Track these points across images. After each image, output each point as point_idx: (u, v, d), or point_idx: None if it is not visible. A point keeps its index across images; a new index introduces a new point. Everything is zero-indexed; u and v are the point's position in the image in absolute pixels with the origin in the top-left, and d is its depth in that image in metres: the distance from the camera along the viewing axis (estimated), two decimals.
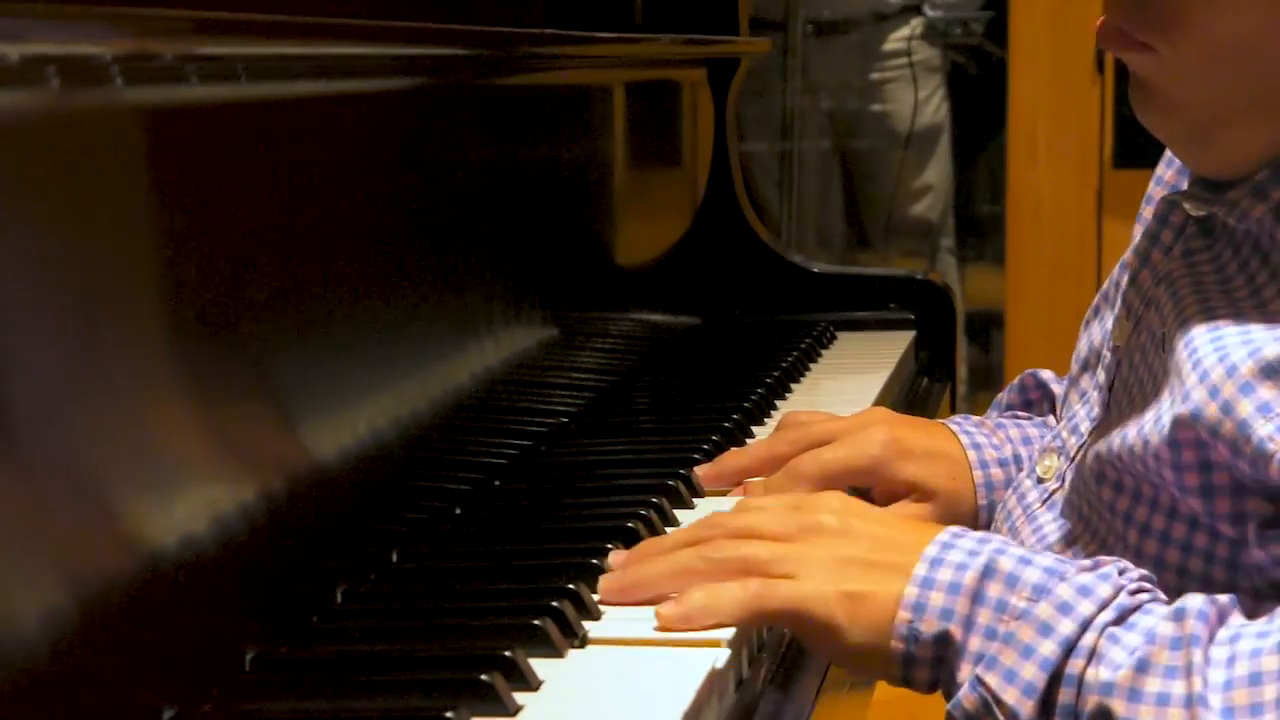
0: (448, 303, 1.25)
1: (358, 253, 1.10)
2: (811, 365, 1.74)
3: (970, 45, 4.36)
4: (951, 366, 1.94)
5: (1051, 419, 1.32)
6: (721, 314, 1.96)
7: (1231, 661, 0.86)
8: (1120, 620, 0.89)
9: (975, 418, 1.34)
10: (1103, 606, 0.89)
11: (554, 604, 0.94)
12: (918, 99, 4.24)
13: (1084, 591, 0.90)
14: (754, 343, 1.81)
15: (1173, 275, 1.04)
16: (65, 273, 0.79)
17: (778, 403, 1.55)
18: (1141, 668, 0.87)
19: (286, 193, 1.01)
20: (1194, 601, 0.89)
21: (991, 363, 4.33)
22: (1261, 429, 0.91)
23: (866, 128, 4.32)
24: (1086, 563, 0.93)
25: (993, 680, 0.89)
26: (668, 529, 1.14)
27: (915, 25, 4.27)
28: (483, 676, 0.83)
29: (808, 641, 0.98)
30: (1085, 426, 1.11)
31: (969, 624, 0.91)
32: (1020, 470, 1.26)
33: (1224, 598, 0.90)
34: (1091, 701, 0.87)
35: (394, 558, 1.09)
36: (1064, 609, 0.89)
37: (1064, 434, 1.14)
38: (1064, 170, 3.84)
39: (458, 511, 1.20)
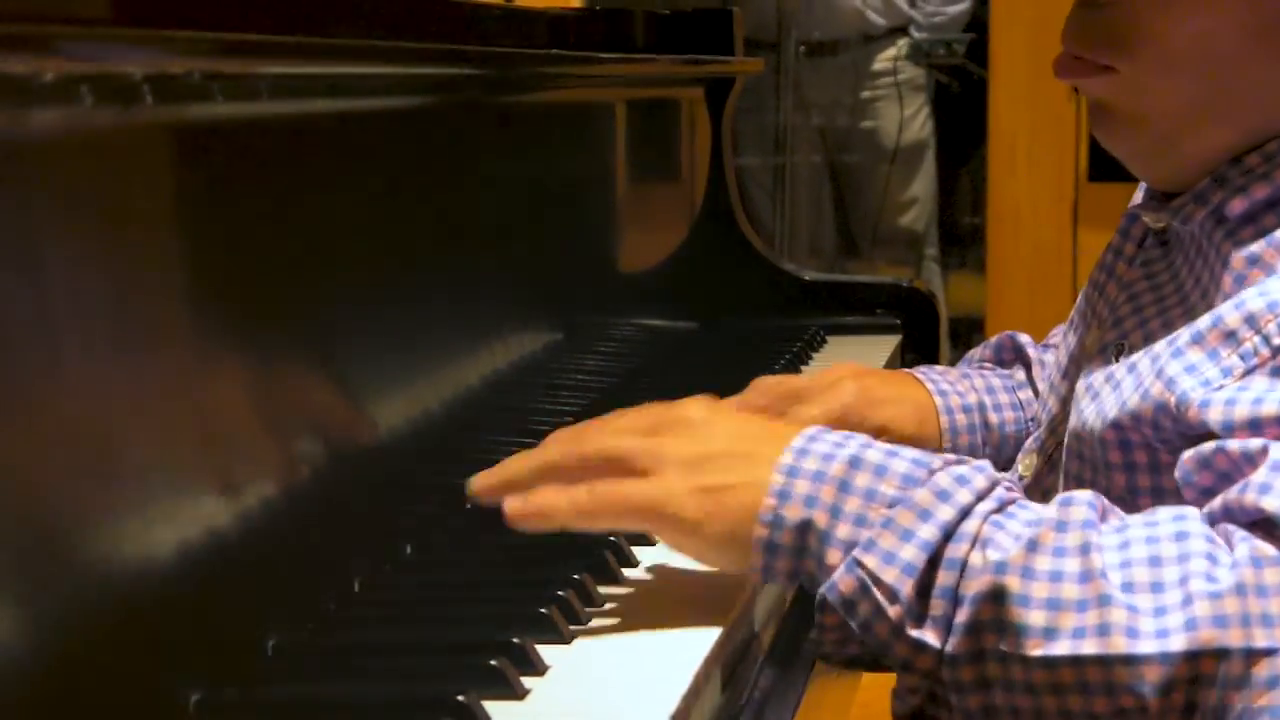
0: (458, 308, 1.25)
1: (373, 262, 1.10)
2: (803, 368, 1.74)
3: (953, 65, 4.37)
4: None
5: (1020, 374, 1.32)
6: (718, 319, 1.96)
7: (1125, 546, 0.85)
8: (1000, 510, 0.88)
9: (941, 367, 1.33)
10: (981, 496, 0.88)
11: (560, 593, 0.94)
12: (903, 116, 4.25)
13: (961, 481, 0.88)
14: (748, 346, 1.81)
15: (1134, 287, 1.04)
16: (97, 274, 0.79)
17: None
18: (1032, 547, 0.85)
19: (308, 205, 1.01)
20: (1081, 494, 0.88)
21: None
22: (1185, 383, 0.92)
23: (855, 143, 4.33)
24: (952, 458, 0.91)
25: (871, 562, 0.86)
26: None
27: (901, 46, 4.27)
28: (492, 662, 0.83)
29: (665, 539, 0.94)
30: (1062, 429, 1.11)
31: (835, 511, 0.88)
32: (982, 417, 1.26)
33: (1106, 499, 0.89)
34: (983, 582, 0.85)
35: (408, 550, 1.09)
36: (942, 496, 0.87)
37: (1043, 435, 1.14)
38: (1042, 183, 3.84)
39: (469, 506, 1.20)
